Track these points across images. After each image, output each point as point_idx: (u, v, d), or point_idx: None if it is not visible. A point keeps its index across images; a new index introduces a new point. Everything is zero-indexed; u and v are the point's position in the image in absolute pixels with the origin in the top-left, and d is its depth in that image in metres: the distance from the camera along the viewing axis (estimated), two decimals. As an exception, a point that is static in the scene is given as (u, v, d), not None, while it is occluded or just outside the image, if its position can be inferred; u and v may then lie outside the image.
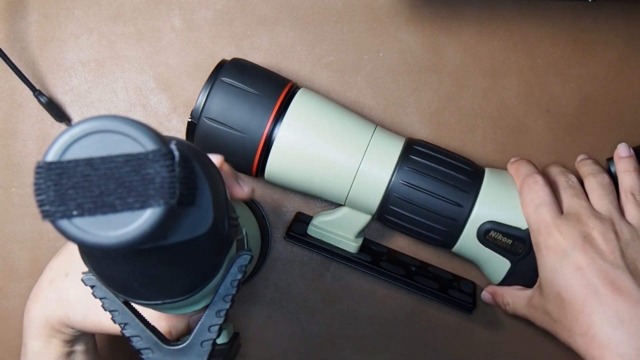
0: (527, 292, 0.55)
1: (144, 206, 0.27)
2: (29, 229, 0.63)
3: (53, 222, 0.27)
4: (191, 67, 0.63)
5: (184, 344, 0.38)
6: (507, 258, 0.55)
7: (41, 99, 0.61)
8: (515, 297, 0.56)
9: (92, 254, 0.35)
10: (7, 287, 0.63)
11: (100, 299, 0.38)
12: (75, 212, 0.27)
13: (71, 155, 0.28)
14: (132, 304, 0.38)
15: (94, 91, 0.63)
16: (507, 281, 0.56)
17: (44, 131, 0.63)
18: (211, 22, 0.63)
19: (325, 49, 0.63)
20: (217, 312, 0.39)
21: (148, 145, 0.28)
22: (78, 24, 0.63)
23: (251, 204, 0.61)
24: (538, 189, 0.53)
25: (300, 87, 0.57)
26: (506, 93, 0.63)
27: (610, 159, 0.56)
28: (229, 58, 0.58)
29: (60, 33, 0.63)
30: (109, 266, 0.35)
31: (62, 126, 0.63)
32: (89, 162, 0.28)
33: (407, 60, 0.63)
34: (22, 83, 0.60)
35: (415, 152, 0.55)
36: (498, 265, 0.56)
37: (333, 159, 0.53)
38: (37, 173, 0.28)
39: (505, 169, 0.58)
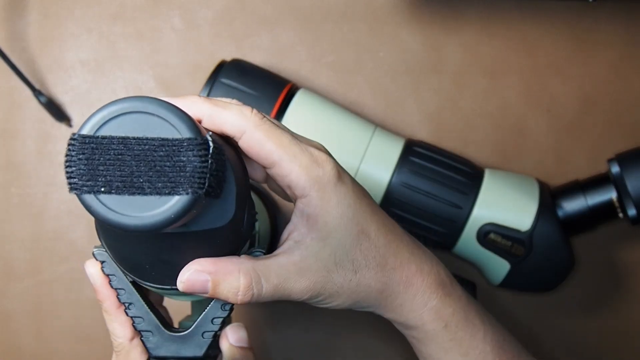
0: None
1: (172, 192, 0.27)
2: (28, 229, 0.63)
3: (79, 196, 0.27)
4: (191, 67, 0.63)
5: (185, 332, 0.38)
6: (506, 260, 0.55)
7: (41, 99, 0.61)
8: None
9: (108, 230, 0.35)
10: (6, 287, 0.63)
11: (108, 275, 0.38)
12: (103, 189, 0.27)
13: (107, 131, 0.28)
14: (140, 285, 0.38)
15: (94, 91, 0.63)
16: (506, 283, 0.56)
17: (44, 131, 0.63)
18: (211, 22, 0.63)
19: (325, 49, 0.63)
20: (223, 305, 0.38)
21: (184, 132, 0.28)
22: (78, 23, 0.63)
23: (265, 200, 0.61)
24: None
25: (300, 88, 0.57)
26: (506, 93, 0.63)
27: (611, 159, 0.56)
28: (229, 58, 0.58)
29: (60, 33, 0.63)
30: (123, 245, 0.35)
31: (62, 126, 0.63)
32: (123, 141, 0.27)
33: (407, 60, 0.63)
34: (22, 83, 0.60)
35: (414, 154, 0.55)
36: (497, 266, 0.56)
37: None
38: (70, 145, 0.27)
39: (505, 169, 0.58)
